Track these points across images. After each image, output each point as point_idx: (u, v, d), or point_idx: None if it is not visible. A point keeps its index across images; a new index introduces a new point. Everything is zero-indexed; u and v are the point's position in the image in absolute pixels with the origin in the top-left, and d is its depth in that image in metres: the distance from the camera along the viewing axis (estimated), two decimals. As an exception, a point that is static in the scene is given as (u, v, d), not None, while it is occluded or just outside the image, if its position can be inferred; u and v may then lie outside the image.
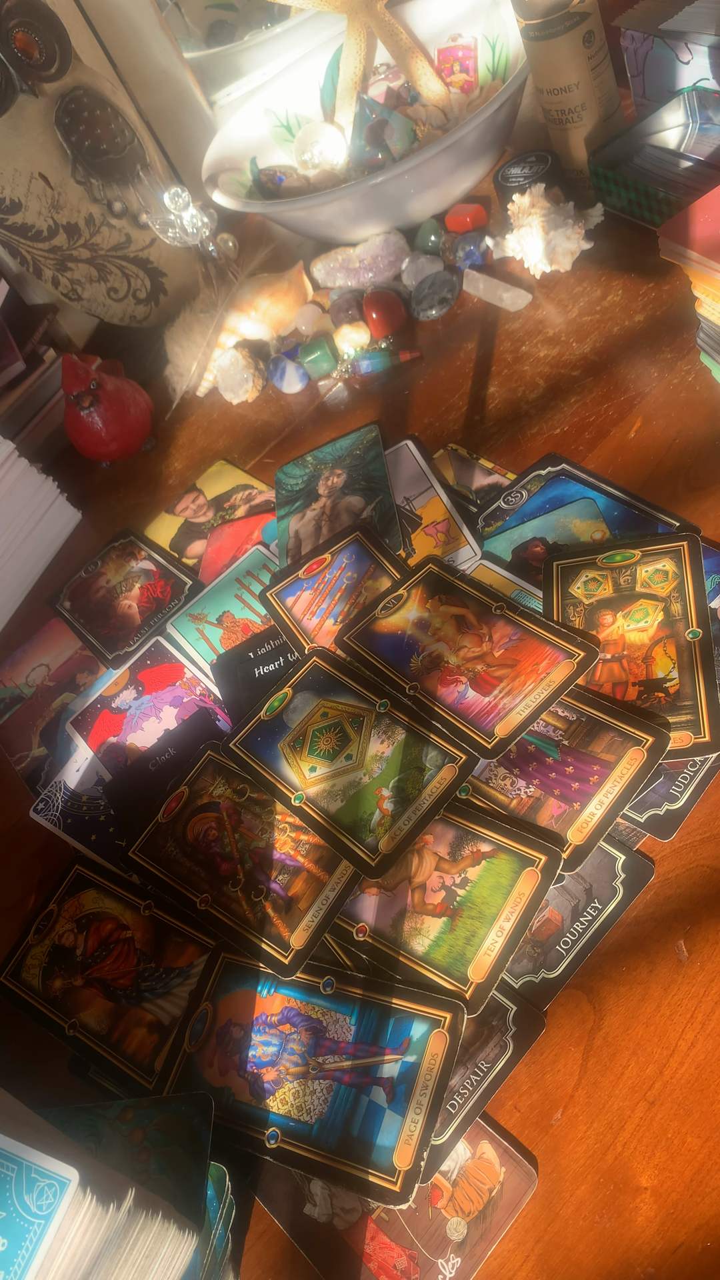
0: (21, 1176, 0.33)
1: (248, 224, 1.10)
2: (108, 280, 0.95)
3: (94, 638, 0.74)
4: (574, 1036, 0.44)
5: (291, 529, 0.71)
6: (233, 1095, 0.47)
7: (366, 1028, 0.46)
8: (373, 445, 0.73)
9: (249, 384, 0.86)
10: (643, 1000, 0.44)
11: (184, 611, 0.70)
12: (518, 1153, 0.42)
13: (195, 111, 1.13)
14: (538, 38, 0.72)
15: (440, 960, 0.47)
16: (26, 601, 0.82)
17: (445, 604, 0.60)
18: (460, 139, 0.77)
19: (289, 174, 0.98)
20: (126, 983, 0.53)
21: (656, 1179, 0.40)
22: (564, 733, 0.52)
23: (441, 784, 0.52)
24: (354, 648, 0.60)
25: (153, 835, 0.57)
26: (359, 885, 0.51)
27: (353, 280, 0.87)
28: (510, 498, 0.64)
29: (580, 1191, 0.41)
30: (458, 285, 0.82)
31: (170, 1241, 0.36)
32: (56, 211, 0.90)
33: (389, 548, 0.65)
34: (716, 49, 0.72)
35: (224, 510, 0.78)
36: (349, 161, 0.97)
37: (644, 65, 0.79)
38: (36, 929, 0.58)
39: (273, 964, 0.50)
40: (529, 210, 0.77)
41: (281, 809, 0.55)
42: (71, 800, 0.64)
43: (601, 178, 0.75)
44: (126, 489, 0.87)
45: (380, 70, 1.00)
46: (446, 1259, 0.41)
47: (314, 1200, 0.44)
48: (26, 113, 0.87)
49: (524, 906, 0.47)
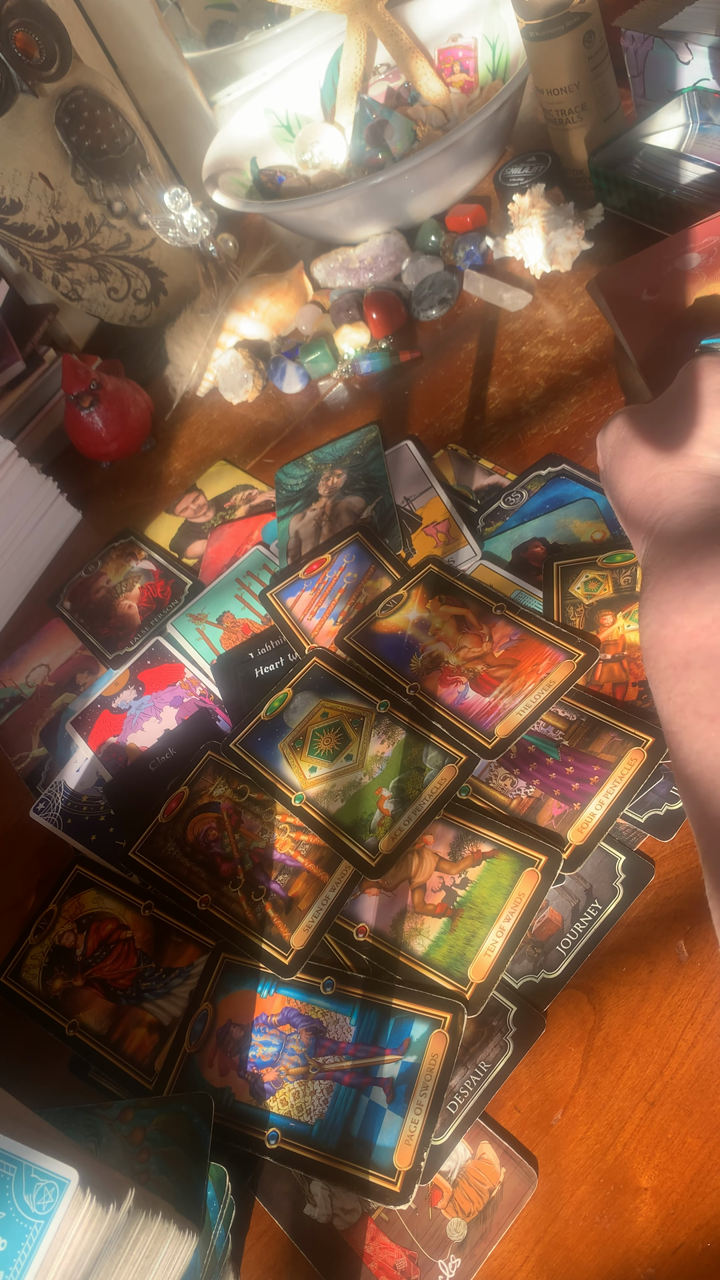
0: (21, 1176, 0.33)
1: (248, 224, 1.10)
2: (108, 280, 0.95)
3: (94, 638, 0.74)
4: (574, 1037, 0.44)
5: (291, 529, 0.71)
6: (233, 1095, 0.47)
7: (366, 1028, 0.46)
8: (373, 445, 0.73)
9: (249, 384, 0.86)
10: (643, 1000, 0.44)
11: (184, 611, 0.70)
12: (518, 1153, 0.42)
13: (195, 111, 1.13)
14: (538, 38, 0.72)
15: (440, 960, 0.47)
16: (26, 601, 0.82)
17: (445, 604, 0.60)
18: (460, 139, 0.77)
19: (289, 174, 0.98)
20: (126, 983, 0.53)
21: (657, 1179, 0.40)
22: (564, 733, 0.52)
23: (441, 784, 0.52)
24: (354, 648, 0.60)
25: (153, 835, 0.57)
26: (359, 885, 0.51)
27: (353, 280, 0.87)
28: (510, 498, 0.64)
29: (580, 1192, 0.41)
30: (458, 285, 0.82)
31: (170, 1241, 0.36)
32: (56, 211, 0.90)
33: (389, 548, 0.65)
34: (716, 49, 0.72)
35: (224, 510, 0.78)
36: (349, 161, 0.97)
37: (644, 65, 0.79)
38: (36, 929, 0.58)
39: (273, 964, 0.50)
40: (529, 210, 0.77)
41: (281, 809, 0.55)
42: (71, 800, 0.63)
43: (601, 178, 0.75)
44: (126, 489, 0.87)
45: (380, 70, 1.00)
46: (446, 1259, 0.41)
47: (314, 1200, 0.44)
48: (26, 113, 0.87)
49: (524, 907, 0.47)
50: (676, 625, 0.38)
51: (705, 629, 0.37)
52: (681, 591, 0.39)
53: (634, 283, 0.61)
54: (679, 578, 0.40)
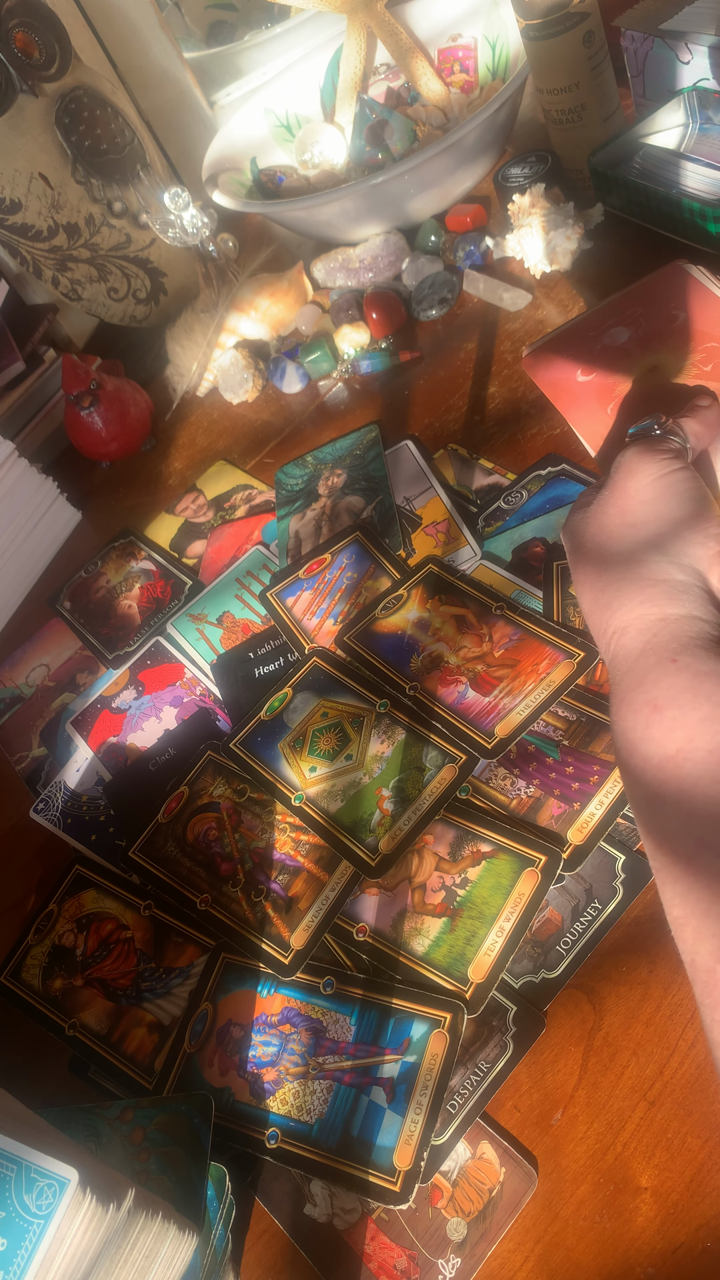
0: (21, 1176, 0.33)
1: (248, 224, 1.10)
2: (108, 280, 0.95)
3: (94, 638, 0.74)
4: (574, 1036, 0.44)
5: (291, 529, 0.71)
6: (233, 1095, 0.47)
7: (366, 1028, 0.46)
8: (373, 445, 0.73)
9: (249, 384, 0.86)
10: (643, 1000, 0.44)
11: (184, 611, 0.70)
12: (518, 1153, 0.42)
13: (195, 111, 1.13)
14: (538, 38, 0.72)
15: (440, 960, 0.47)
16: (26, 601, 0.82)
17: (445, 604, 0.60)
18: (460, 139, 0.77)
19: (289, 174, 0.98)
20: (126, 983, 0.53)
21: (657, 1179, 0.40)
22: (564, 733, 0.52)
23: (441, 784, 0.52)
24: (354, 648, 0.60)
25: (153, 835, 0.57)
26: (359, 885, 0.51)
27: (353, 280, 0.87)
28: (510, 498, 0.64)
29: (580, 1191, 0.41)
30: (458, 285, 0.82)
31: (170, 1241, 0.36)
32: (56, 211, 0.90)
33: (389, 548, 0.65)
34: (716, 49, 0.72)
35: (224, 510, 0.78)
36: (349, 161, 0.97)
37: (644, 65, 0.79)
38: (36, 929, 0.58)
39: (273, 964, 0.50)
40: (529, 210, 0.77)
41: (281, 809, 0.55)
42: (71, 800, 0.63)
43: (601, 178, 0.75)
44: (126, 489, 0.87)
45: (380, 70, 1.00)
46: (446, 1259, 0.41)
47: (314, 1200, 0.44)
48: (26, 113, 0.87)
49: (524, 906, 0.47)
50: (644, 756, 0.38)
51: (671, 760, 0.37)
52: (643, 720, 0.38)
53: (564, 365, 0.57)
54: (639, 703, 0.39)
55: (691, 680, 0.38)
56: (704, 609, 0.41)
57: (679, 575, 0.42)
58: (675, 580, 0.42)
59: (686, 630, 0.40)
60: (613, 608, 0.43)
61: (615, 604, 0.43)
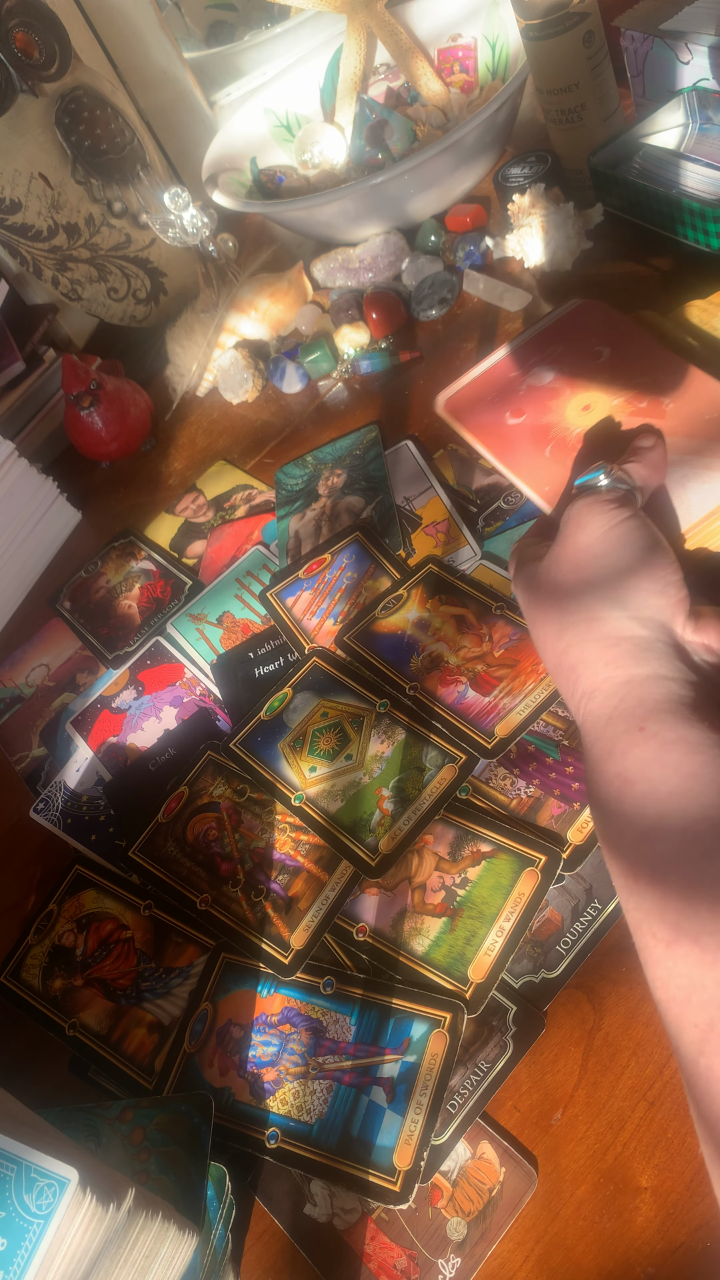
0: (21, 1176, 0.33)
1: (248, 224, 1.10)
2: (108, 280, 0.95)
3: (94, 638, 0.74)
4: (574, 1036, 0.44)
5: (291, 529, 0.71)
6: (233, 1095, 0.47)
7: (366, 1028, 0.46)
8: (373, 445, 0.73)
9: (249, 384, 0.86)
10: (643, 1000, 0.44)
11: (184, 611, 0.70)
12: (518, 1153, 0.42)
13: (195, 111, 1.13)
14: (538, 38, 0.72)
15: (440, 960, 0.47)
16: (26, 601, 0.82)
17: (445, 604, 0.60)
18: (460, 139, 0.77)
19: (289, 174, 0.98)
20: (126, 983, 0.53)
21: (656, 1179, 0.40)
22: (564, 733, 0.52)
23: (441, 784, 0.52)
24: (354, 648, 0.60)
25: (153, 835, 0.57)
26: (359, 885, 0.51)
27: (353, 280, 0.87)
28: (510, 498, 0.64)
29: (580, 1191, 0.41)
30: (458, 285, 0.82)
31: (170, 1241, 0.36)
32: (56, 211, 0.90)
33: (389, 548, 0.65)
34: (716, 49, 0.72)
35: (224, 510, 0.78)
36: (349, 161, 0.97)
37: (644, 65, 0.79)
38: (36, 929, 0.58)
39: (273, 964, 0.50)
40: (529, 210, 0.77)
41: (281, 809, 0.55)
42: (71, 800, 0.63)
43: (601, 177, 0.75)
44: (126, 489, 0.87)
45: (380, 70, 1.00)
46: (446, 1259, 0.41)
47: (314, 1200, 0.44)
48: (26, 113, 0.87)
49: (524, 906, 0.47)
50: (619, 832, 0.38)
51: (645, 837, 0.37)
52: (615, 793, 0.38)
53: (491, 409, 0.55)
54: (610, 775, 0.39)
55: (659, 751, 0.38)
56: (669, 665, 0.40)
57: (640, 631, 0.41)
58: (638, 637, 0.41)
59: (653, 693, 0.39)
60: (578, 671, 0.42)
61: (580, 667, 0.42)
